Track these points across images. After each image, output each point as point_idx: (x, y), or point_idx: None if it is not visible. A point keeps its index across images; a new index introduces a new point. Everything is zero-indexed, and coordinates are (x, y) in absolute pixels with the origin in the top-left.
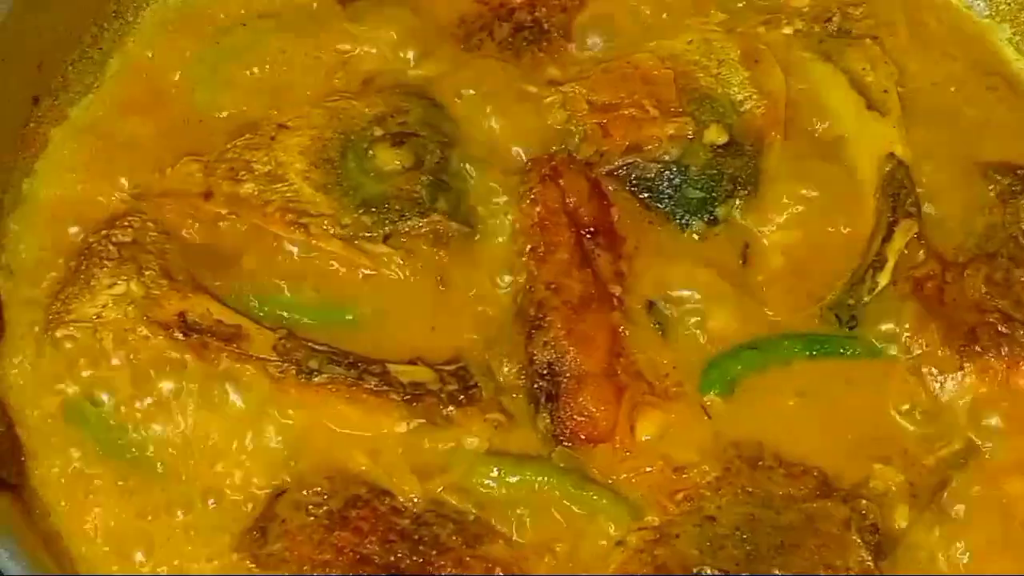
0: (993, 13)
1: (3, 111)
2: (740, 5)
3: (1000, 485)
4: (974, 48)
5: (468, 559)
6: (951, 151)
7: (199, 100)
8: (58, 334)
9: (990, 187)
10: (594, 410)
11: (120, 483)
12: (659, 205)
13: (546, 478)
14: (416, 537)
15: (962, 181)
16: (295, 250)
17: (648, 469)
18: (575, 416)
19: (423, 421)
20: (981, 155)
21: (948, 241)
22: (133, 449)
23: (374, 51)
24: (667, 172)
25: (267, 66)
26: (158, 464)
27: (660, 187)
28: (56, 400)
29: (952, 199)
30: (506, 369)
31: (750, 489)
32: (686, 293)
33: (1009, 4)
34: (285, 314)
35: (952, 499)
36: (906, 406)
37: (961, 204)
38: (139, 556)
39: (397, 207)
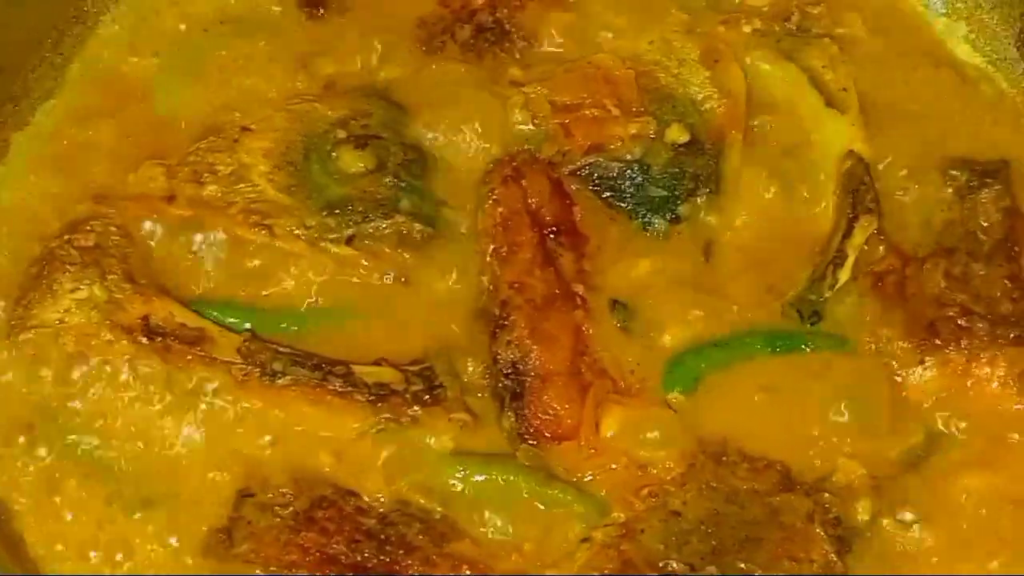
0: (949, 11)
1: None
2: (700, 5)
3: (961, 477)
4: (930, 46)
5: (435, 558)
6: (909, 148)
7: (160, 104)
8: (20, 339)
9: (948, 183)
10: (558, 408)
11: (83, 486)
12: (621, 204)
13: (512, 476)
14: (382, 536)
15: (920, 177)
16: (258, 253)
17: (613, 466)
18: (540, 414)
19: (388, 421)
20: (939, 152)
21: (907, 237)
22: (96, 452)
23: (336, 55)
24: (629, 171)
25: (228, 71)
26: (121, 467)
27: (622, 186)
28: (18, 404)
29: (911, 195)
30: (471, 369)
31: (714, 484)
32: (649, 291)
33: (965, 2)
34: (247, 317)
35: (914, 492)
36: (868, 400)
37: (920, 200)
38: (103, 559)
39: (360, 209)
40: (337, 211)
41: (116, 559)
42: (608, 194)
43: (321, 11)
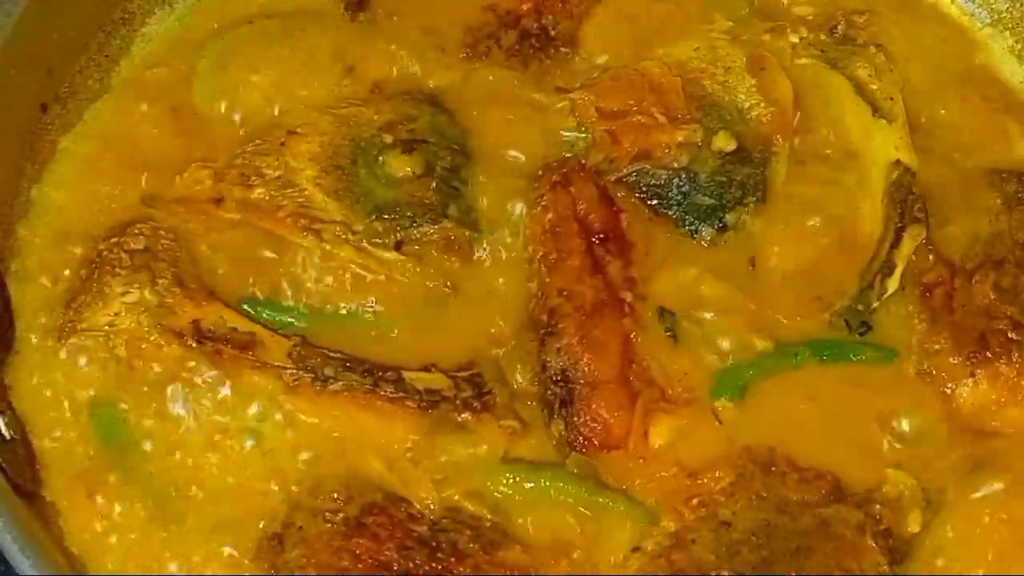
0: (994, 21)
1: (12, 118)
2: (744, 12)
3: (1011, 492)
4: (976, 56)
5: (485, 565)
6: (956, 158)
7: (198, 94)
8: (71, 342)
9: (995, 193)
10: (608, 416)
11: (133, 490)
12: (668, 212)
13: (561, 484)
14: (433, 543)
15: (968, 187)
16: (306, 257)
17: (662, 475)
18: (589, 422)
19: (438, 428)
20: (986, 161)
21: (955, 247)
22: (146, 456)
23: (381, 58)
24: (676, 179)
25: (271, 66)
26: (171, 471)
27: (669, 194)
28: (68, 408)
29: (958, 205)
30: (519, 376)
31: (764, 494)
32: (696, 299)
33: (1010, 12)
34: (297, 321)
35: (964, 505)
36: (917, 412)
37: (967, 210)
38: (153, 563)
39: (408, 213)
40: (385, 216)
41: (165, 563)
42: (655, 202)
43: (366, 14)
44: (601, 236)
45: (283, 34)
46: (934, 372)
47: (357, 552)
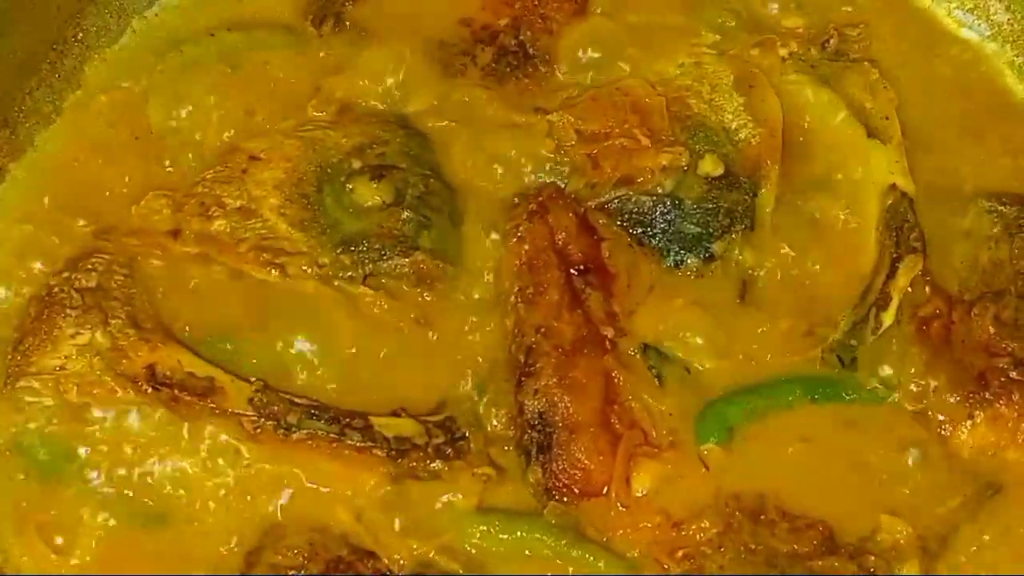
0: (994, 34)
1: None
2: (731, 24)
3: (1014, 538)
4: (975, 71)
5: None
6: (954, 181)
7: (153, 113)
8: (19, 386)
9: (995, 219)
10: (588, 462)
11: (87, 542)
12: (652, 241)
13: (539, 536)
14: None
15: (967, 213)
16: (269, 293)
17: (646, 525)
18: (568, 469)
19: (409, 477)
20: (985, 185)
21: (953, 277)
22: (100, 507)
23: (350, 77)
24: (661, 206)
25: (232, 84)
26: (127, 524)
27: (653, 222)
28: (17, 459)
29: (956, 232)
30: (495, 419)
31: (753, 546)
32: (682, 334)
33: (1011, 25)
34: (259, 362)
35: (963, 552)
36: (913, 454)
37: (965, 238)
38: None
39: (377, 246)
40: (353, 248)
41: None
42: (638, 230)
43: (334, 28)
44: (581, 267)
45: (245, 49)
46: (931, 412)
47: None
